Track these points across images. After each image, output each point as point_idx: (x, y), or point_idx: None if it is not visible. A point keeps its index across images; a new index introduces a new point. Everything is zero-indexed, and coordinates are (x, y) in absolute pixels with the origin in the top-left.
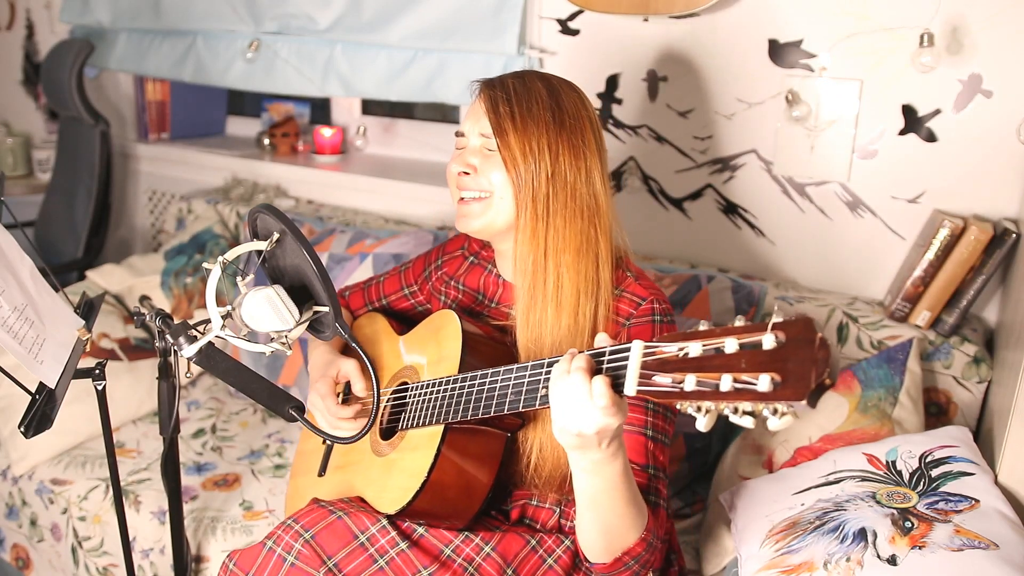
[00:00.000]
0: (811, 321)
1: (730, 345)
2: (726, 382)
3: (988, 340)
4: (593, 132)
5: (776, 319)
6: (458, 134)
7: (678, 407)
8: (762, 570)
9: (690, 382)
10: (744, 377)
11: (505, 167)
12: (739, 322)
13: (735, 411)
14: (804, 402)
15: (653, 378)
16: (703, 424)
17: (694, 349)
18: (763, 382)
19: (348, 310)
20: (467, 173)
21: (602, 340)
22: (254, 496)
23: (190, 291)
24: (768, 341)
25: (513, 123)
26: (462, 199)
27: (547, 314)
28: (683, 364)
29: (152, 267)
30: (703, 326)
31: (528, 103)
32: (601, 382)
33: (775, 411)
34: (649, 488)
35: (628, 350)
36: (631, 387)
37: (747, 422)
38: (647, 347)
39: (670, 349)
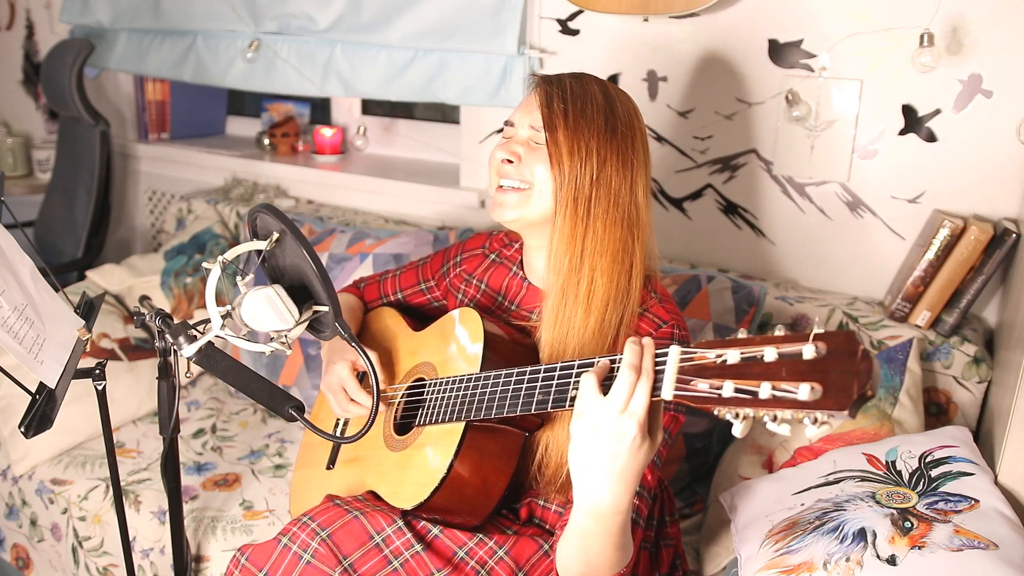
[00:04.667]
0: (853, 334)
1: (769, 354)
2: (765, 390)
3: (988, 340)
4: (643, 145)
5: (817, 330)
6: (507, 123)
7: (715, 412)
8: (762, 570)
9: (728, 388)
10: (784, 385)
11: (550, 162)
12: (778, 331)
13: (774, 419)
14: (846, 412)
15: (691, 383)
16: (739, 430)
17: (732, 356)
18: (803, 391)
19: (362, 301)
20: (510, 161)
21: None
22: (254, 496)
23: (190, 291)
24: (808, 351)
25: (565, 120)
26: (500, 187)
27: (576, 315)
28: (721, 371)
29: (152, 267)
30: (741, 334)
31: (583, 104)
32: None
33: (815, 420)
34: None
35: (666, 354)
36: (668, 391)
37: (784, 429)
38: (684, 352)
39: (708, 355)
